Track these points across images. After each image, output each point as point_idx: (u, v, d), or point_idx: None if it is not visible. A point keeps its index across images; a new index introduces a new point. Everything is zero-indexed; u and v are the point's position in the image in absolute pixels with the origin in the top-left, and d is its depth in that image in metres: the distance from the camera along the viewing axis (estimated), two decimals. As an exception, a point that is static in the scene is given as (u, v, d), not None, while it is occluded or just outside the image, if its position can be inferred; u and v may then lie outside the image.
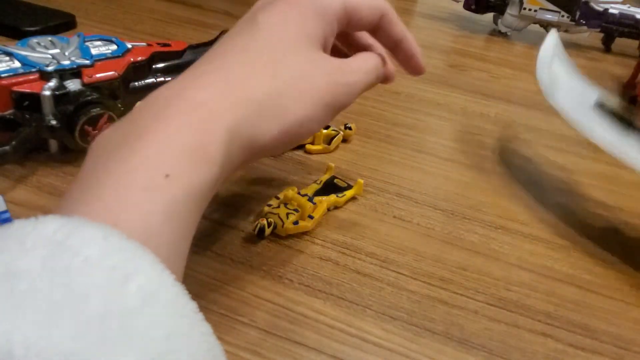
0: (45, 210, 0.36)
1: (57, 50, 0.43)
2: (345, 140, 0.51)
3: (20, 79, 0.39)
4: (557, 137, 0.60)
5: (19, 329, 0.15)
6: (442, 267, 0.37)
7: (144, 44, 0.50)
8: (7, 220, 0.32)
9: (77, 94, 0.40)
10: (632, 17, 0.93)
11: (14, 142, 0.37)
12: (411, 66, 0.35)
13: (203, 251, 0.35)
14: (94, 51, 0.44)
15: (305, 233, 0.38)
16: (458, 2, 0.99)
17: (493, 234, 0.41)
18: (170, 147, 0.22)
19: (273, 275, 0.34)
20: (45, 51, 0.42)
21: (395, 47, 0.35)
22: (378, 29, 0.33)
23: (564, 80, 0.46)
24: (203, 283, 0.33)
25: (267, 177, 0.44)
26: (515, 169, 0.51)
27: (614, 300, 0.36)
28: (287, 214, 0.37)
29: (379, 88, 0.66)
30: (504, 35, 0.97)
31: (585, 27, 0.93)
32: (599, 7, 0.92)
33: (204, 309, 0.31)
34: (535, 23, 0.95)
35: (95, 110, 0.40)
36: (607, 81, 0.82)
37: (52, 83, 0.40)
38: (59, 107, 0.40)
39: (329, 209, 0.40)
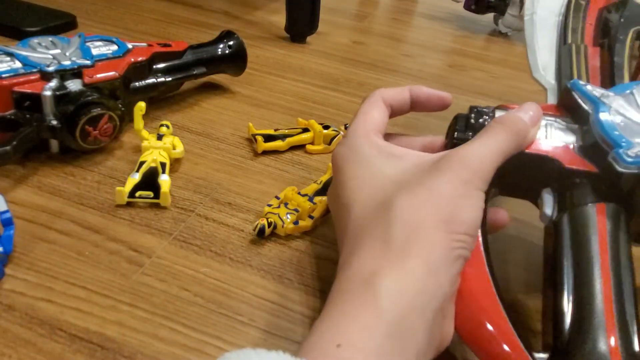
0: (46, 210, 0.37)
1: (57, 51, 0.43)
2: (345, 140, 0.51)
3: (21, 79, 0.39)
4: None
5: None
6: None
7: (145, 44, 0.50)
8: (7, 220, 0.32)
9: (78, 94, 0.40)
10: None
11: (14, 142, 0.37)
12: (441, 102, 0.36)
13: (203, 251, 0.35)
14: (94, 51, 0.44)
15: (305, 233, 0.38)
16: (458, 2, 0.99)
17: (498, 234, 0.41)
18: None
19: (273, 275, 0.34)
20: (46, 51, 0.42)
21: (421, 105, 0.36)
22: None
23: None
24: (203, 283, 0.33)
25: (268, 177, 0.44)
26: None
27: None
28: (287, 214, 0.37)
29: (379, 88, 0.66)
30: (504, 35, 0.97)
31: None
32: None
33: (204, 308, 0.31)
34: (535, 23, 0.95)
35: (96, 111, 0.40)
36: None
37: (53, 83, 0.40)
38: (59, 107, 0.40)
39: (328, 209, 0.40)
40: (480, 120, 0.32)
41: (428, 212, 0.27)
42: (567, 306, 0.27)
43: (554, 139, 0.32)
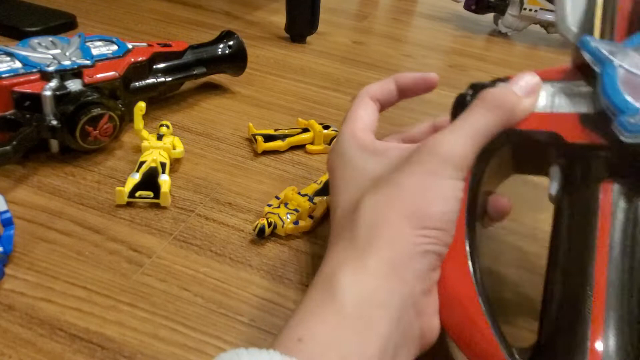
0: (46, 210, 0.37)
1: (57, 51, 0.43)
2: (345, 140, 0.51)
3: (21, 79, 0.39)
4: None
5: None
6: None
7: (145, 44, 0.50)
8: (7, 220, 0.32)
9: (78, 94, 0.40)
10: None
11: (14, 142, 0.37)
12: (427, 83, 0.36)
13: (203, 251, 0.35)
14: (94, 51, 0.44)
15: (305, 233, 0.38)
16: (458, 2, 0.99)
17: (491, 233, 0.41)
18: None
19: (273, 275, 0.34)
20: (46, 51, 0.42)
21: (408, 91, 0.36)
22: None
23: None
24: (203, 283, 0.33)
25: (268, 177, 0.44)
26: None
27: None
28: (287, 214, 0.37)
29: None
30: (504, 35, 0.97)
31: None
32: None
33: (204, 308, 0.31)
34: (535, 23, 0.95)
35: (96, 111, 0.40)
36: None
37: (53, 83, 0.40)
38: (59, 107, 0.40)
39: (329, 209, 0.40)
40: None
41: (392, 208, 0.26)
42: (554, 298, 0.25)
43: (560, 107, 0.29)
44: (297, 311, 0.24)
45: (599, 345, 0.23)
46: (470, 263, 0.27)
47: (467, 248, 0.27)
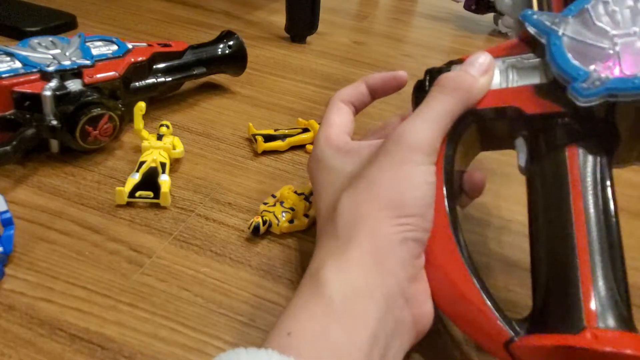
0: (46, 210, 0.37)
1: (57, 51, 0.43)
2: (345, 140, 0.51)
3: (21, 79, 0.39)
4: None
5: None
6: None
7: (145, 44, 0.50)
8: (7, 220, 0.32)
9: (78, 94, 0.40)
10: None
11: (14, 142, 0.37)
12: (396, 81, 0.36)
13: (203, 251, 0.35)
14: (94, 51, 0.44)
15: (304, 233, 0.38)
16: (458, 2, 0.99)
17: (492, 234, 0.41)
18: None
19: (273, 275, 0.34)
20: (46, 51, 0.42)
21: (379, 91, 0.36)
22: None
23: None
24: (203, 283, 0.33)
25: (268, 177, 0.44)
26: (516, 168, 0.51)
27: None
28: (283, 213, 0.37)
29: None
30: (504, 35, 0.97)
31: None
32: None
33: (204, 308, 0.31)
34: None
35: (96, 111, 0.40)
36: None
37: (53, 83, 0.40)
38: (59, 107, 0.40)
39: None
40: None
41: (367, 202, 0.27)
42: (542, 266, 0.26)
43: (514, 82, 0.30)
44: (287, 307, 0.25)
45: (592, 304, 0.23)
46: (456, 243, 0.27)
47: (451, 228, 0.28)
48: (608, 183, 0.26)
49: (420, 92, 0.31)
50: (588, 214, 0.25)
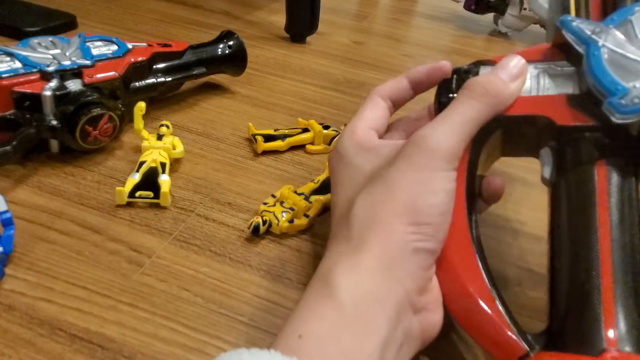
0: (46, 210, 0.37)
1: (57, 51, 0.43)
2: (345, 140, 0.51)
3: (21, 79, 0.39)
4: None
5: None
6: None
7: (145, 44, 0.50)
8: (7, 220, 0.32)
9: (78, 94, 0.40)
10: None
11: (14, 142, 0.37)
12: (441, 71, 0.35)
13: (203, 251, 0.35)
14: (94, 51, 0.44)
15: (304, 233, 0.38)
16: (458, 2, 0.99)
17: (492, 233, 0.41)
18: None
19: (273, 275, 0.34)
20: (46, 51, 0.42)
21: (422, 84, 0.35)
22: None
23: None
24: (203, 283, 0.33)
25: (268, 177, 0.44)
26: (518, 168, 0.51)
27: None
28: (283, 212, 0.37)
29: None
30: (504, 35, 0.97)
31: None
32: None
33: (204, 308, 0.31)
34: (535, 23, 0.95)
35: (96, 111, 0.40)
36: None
37: (53, 83, 0.40)
38: (59, 107, 0.40)
39: (325, 208, 0.40)
40: (466, 79, 0.30)
41: (383, 206, 0.26)
42: (562, 284, 0.25)
43: (546, 90, 0.28)
44: (298, 308, 0.24)
45: (613, 328, 0.23)
46: (474, 251, 0.26)
47: (470, 236, 0.27)
48: (636, 204, 0.25)
49: (445, 93, 0.30)
50: (614, 235, 0.25)
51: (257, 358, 0.21)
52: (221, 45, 0.56)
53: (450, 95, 0.30)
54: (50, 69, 0.40)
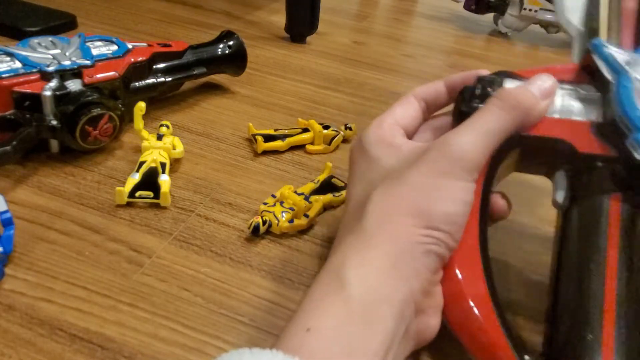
0: (46, 210, 0.37)
1: (57, 51, 0.43)
2: (345, 140, 0.51)
3: (21, 79, 0.39)
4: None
5: None
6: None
7: (145, 44, 0.50)
8: (7, 220, 0.32)
9: (78, 94, 0.40)
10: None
11: (14, 142, 0.37)
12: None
13: (203, 251, 0.35)
14: (94, 51, 0.44)
15: (304, 233, 0.38)
16: (458, 2, 0.99)
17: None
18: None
19: (273, 275, 0.34)
20: (46, 51, 0.42)
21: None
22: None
23: None
24: (203, 283, 0.33)
25: (268, 177, 0.44)
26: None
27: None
28: (283, 212, 0.37)
29: (379, 88, 0.66)
30: (504, 35, 0.97)
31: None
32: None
33: (204, 308, 0.31)
34: (535, 23, 0.95)
35: (96, 111, 0.40)
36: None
37: (53, 83, 0.40)
38: (59, 107, 0.40)
39: (325, 208, 0.40)
40: (489, 89, 0.29)
41: (399, 205, 0.26)
42: (564, 310, 0.25)
43: (570, 113, 0.28)
44: (306, 301, 0.24)
45: None
46: (483, 269, 0.26)
47: (480, 253, 0.27)
48: None
49: (468, 102, 0.29)
50: (621, 271, 0.24)
51: (258, 358, 0.21)
52: (221, 45, 0.56)
53: (474, 104, 0.29)
54: (50, 69, 0.40)
